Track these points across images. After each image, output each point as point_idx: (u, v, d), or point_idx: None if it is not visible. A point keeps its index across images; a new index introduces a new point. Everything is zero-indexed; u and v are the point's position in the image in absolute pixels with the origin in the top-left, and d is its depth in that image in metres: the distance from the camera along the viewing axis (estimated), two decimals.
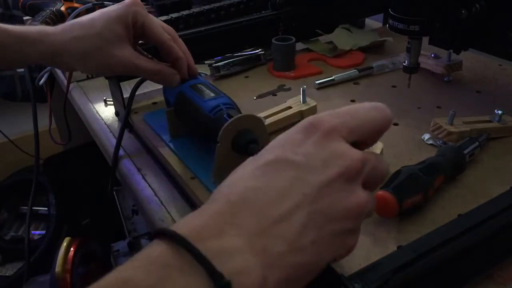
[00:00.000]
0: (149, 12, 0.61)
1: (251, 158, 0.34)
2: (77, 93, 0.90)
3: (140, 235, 1.19)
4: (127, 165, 0.66)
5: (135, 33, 0.60)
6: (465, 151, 0.55)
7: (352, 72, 0.79)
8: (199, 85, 0.60)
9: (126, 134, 0.72)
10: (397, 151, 0.60)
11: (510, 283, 0.42)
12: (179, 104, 0.61)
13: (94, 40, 0.57)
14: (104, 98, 0.84)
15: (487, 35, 0.62)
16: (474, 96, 0.73)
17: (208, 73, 0.83)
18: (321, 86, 0.77)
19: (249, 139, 0.52)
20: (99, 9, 1.05)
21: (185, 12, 0.79)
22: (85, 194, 1.50)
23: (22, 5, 1.16)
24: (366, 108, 0.35)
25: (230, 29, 0.79)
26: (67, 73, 0.90)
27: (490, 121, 0.63)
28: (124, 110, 0.70)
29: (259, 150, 0.53)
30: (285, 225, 0.29)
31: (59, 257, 0.81)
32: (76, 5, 1.10)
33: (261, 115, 0.65)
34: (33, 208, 1.60)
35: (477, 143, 0.57)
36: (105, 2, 1.07)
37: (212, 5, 0.81)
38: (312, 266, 0.30)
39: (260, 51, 0.86)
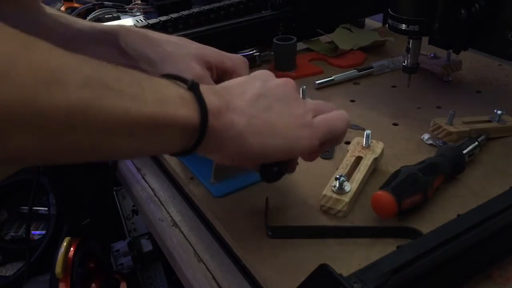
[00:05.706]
0: (149, 12, 0.61)
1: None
2: None
3: (140, 235, 1.19)
4: (127, 165, 0.66)
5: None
6: (465, 151, 0.55)
7: (352, 72, 0.79)
8: None
9: None
10: (397, 151, 0.60)
11: (510, 283, 0.42)
12: None
13: None
14: None
15: (487, 35, 0.62)
16: (474, 96, 0.73)
17: None
18: (321, 86, 0.77)
19: None
20: (99, 9, 1.05)
21: (185, 12, 0.79)
22: (85, 194, 1.49)
23: None
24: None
25: (230, 29, 0.79)
26: None
27: (489, 121, 0.63)
28: None
29: None
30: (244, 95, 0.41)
31: (59, 257, 0.81)
32: (76, 5, 1.10)
33: None
34: (33, 208, 1.60)
35: (476, 143, 0.56)
36: (104, 2, 1.07)
37: (212, 5, 0.81)
38: (265, 129, 0.40)
39: (255, 52, 0.83)
